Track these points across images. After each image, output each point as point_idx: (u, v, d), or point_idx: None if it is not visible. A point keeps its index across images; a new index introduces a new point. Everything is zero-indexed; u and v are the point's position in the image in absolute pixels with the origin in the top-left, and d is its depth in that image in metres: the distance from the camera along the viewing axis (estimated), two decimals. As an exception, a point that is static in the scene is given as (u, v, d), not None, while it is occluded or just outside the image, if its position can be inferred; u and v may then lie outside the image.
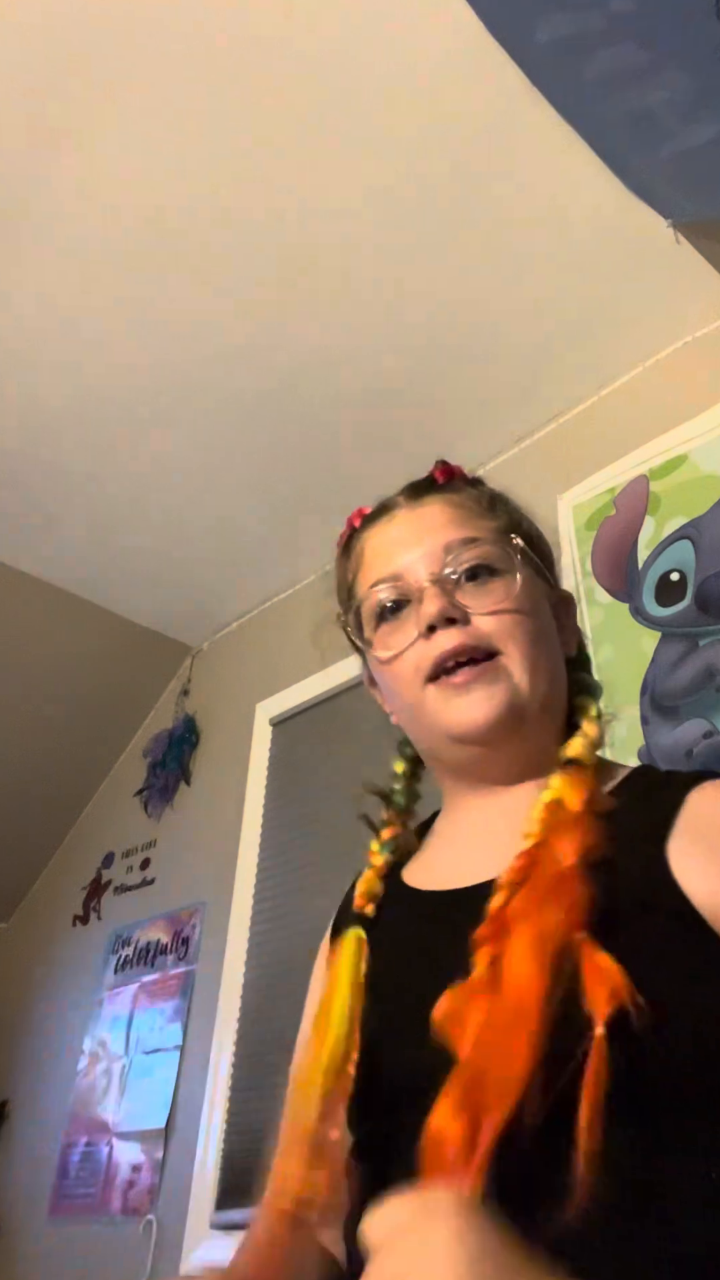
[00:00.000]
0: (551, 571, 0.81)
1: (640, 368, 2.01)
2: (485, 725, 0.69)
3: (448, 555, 0.73)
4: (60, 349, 2.03)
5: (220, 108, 1.58)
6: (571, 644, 0.79)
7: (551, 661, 0.74)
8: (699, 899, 0.58)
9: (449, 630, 0.70)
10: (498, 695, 0.69)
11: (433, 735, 0.74)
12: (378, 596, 0.76)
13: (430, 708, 0.72)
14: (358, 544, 0.82)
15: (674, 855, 0.61)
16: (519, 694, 0.70)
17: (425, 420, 2.18)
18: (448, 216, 1.74)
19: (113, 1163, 2.23)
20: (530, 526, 0.81)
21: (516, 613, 0.72)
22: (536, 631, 0.73)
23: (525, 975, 0.55)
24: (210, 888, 2.41)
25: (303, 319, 1.95)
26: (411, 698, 0.73)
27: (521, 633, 0.71)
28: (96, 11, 1.46)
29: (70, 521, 2.51)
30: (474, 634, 0.71)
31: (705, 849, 0.60)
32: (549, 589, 0.79)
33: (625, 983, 0.53)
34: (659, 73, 1.32)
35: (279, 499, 2.42)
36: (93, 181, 1.70)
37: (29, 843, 3.08)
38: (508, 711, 0.69)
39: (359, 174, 1.67)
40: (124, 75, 1.54)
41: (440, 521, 0.76)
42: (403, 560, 0.75)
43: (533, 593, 0.75)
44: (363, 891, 0.76)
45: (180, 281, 1.88)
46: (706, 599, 1.64)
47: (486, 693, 0.69)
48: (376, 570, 0.77)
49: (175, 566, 2.69)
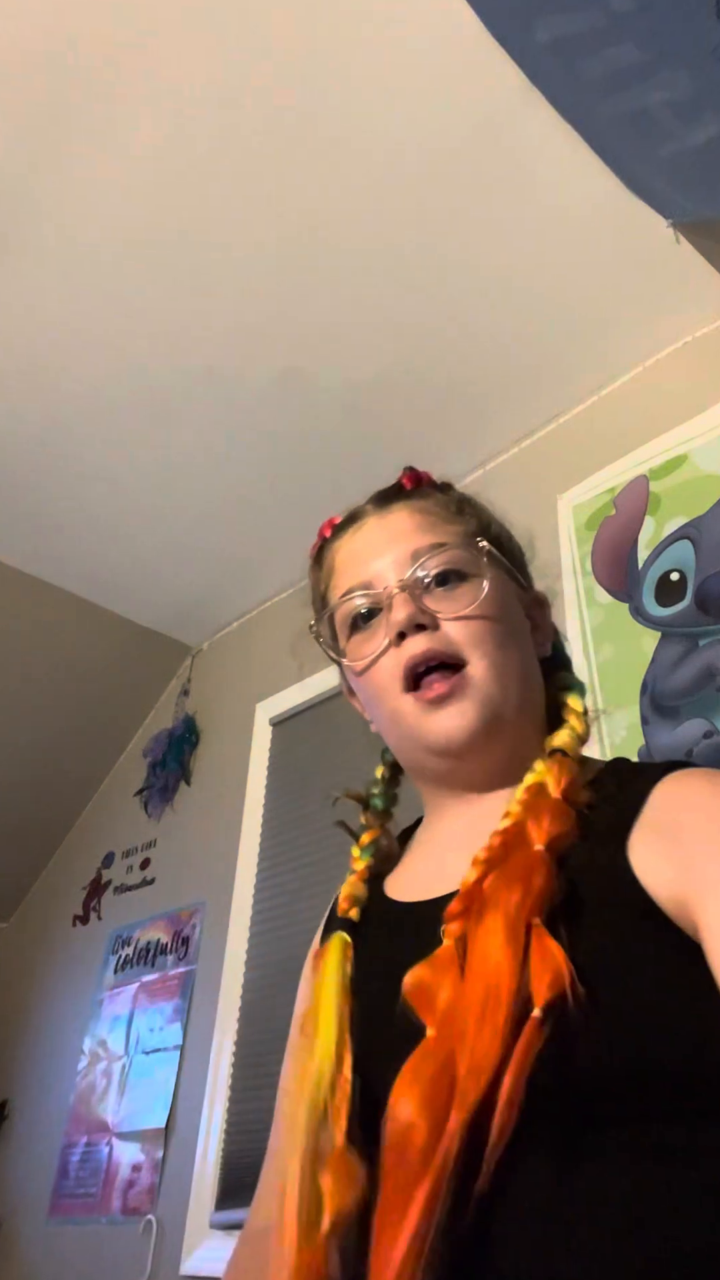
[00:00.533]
0: (524, 572, 0.82)
1: (640, 368, 2.01)
2: (462, 739, 0.70)
3: (415, 561, 0.74)
4: (60, 350, 2.03)
5: (221, 106, 1.58)
6: (546, 644, 0.80)
7: (523, 664, 0.74)
8: (657, 893, 0.59)
9: (418, 636, 0.71)
10: (471, 710, 0.70)
11: (411, 746, 0.74)
12: (349, 605, 0.76)
13: (409, 720, 0.72)
14: (328, 554, 0.82)
15: (635, 849, 0.61)
16: (491, 702, 0.70)
17: (426, 420, 2.18)
18: (447, 216, 1.74)
19: (113, 1163, 2.23)
20: (500, 529, 0.81)
21: (484, 618, 0.72)
22: (505, 634, 0.73)
23: (495, 960, 0.56)
24: (210, 888, 2.41)
25: (303, 320, 1.95)
26: (389, 707, 0.74)
27: (489, 637, 0.72)
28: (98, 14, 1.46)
29: (70, 522, 2.51)
30: (442, 640, 0.71)
31: (665, 843, 0.61)
32: (521, 590, 0.79)
33: (568, 969, 0.53)
34: (659, 73, 1.31)
35: (279, 499, 2.42)
36: (94, 181, 1.70)
37: (29, 843, 3.08)
38: (482, 723, 0.70)
39: (359, 174, 1.67)
40: (125, 72, 1.54)
41: (408, 528, 0.77)
42: (372, 568, 0.75)
43: (502, 595, 0.75)
44: (346, 895, 0.77)
45: (180, 283, 1.88)
46: (706, 599, 1.64)
47: (459, 708, 0.70)
48: (347, 579, 0.77)
49: (175, 566, 2.69)
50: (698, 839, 0.59)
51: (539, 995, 0.53)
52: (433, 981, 0.57)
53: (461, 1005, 0.55)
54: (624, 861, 0.60)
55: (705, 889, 0.57)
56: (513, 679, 0.72)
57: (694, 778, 0.65)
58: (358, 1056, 0.64)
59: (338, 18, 1.45)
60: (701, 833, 0.60)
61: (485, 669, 0.71)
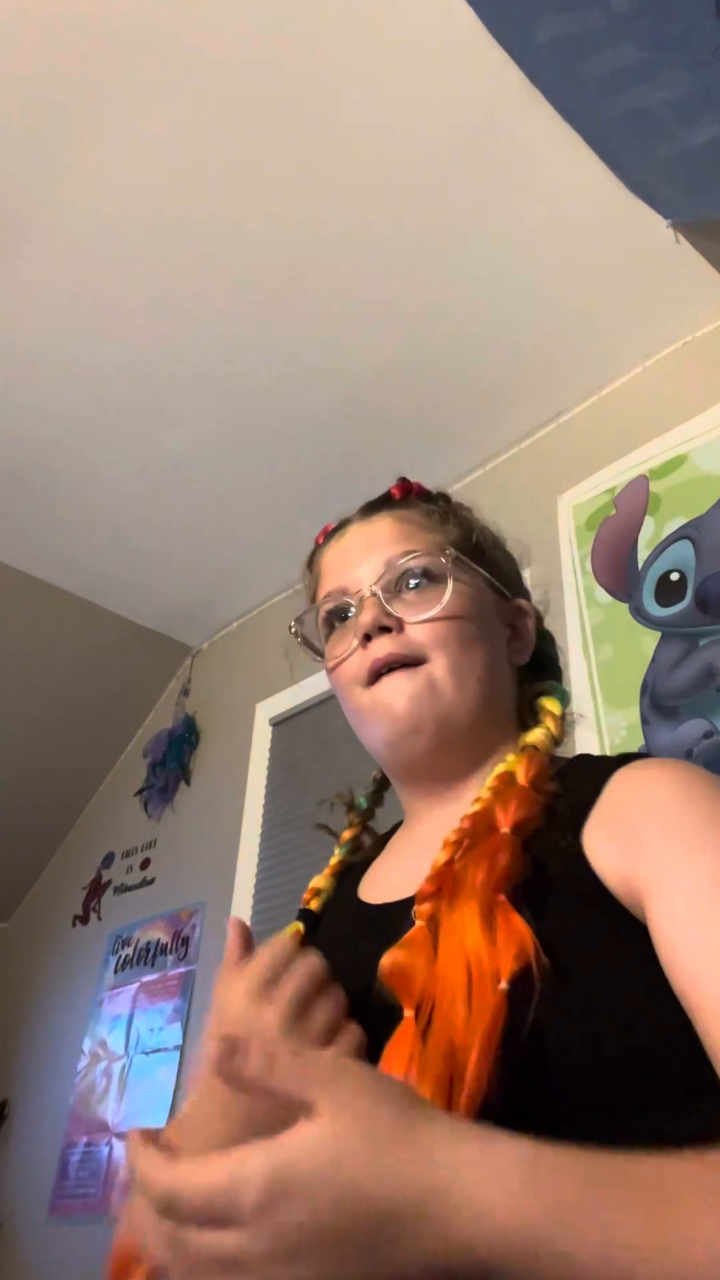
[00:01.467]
0: (510, 582, 0.84)
1: (640, 368, 2.01)
2: (402, 713, 0.73)
3: (387, 568, 0.77)
4: (61, 350, 2.03)
5: (222, 109, 1.58)
6: (525, 652, 0.82)
7: (488, 667, 0.76)
8: (609, 879, 0.60)
9: (382, 639, 0.75)
10: (412, 687, 0.73)
11: (372, 739, 0.77)
12: (327, 607, 0.80)
13: (366, 712, 0.76)
14: (318, 559, 0.86)
15: (588, 837, 0.63)
16: (442, 695, 0.73)
17: (426, 421, 2.19)
18: (447, 216, 1.74)
19: (113, 1163, 2.23)
20: (484, 539, 0.84)
21: (448, 620, 0.75)
22: (469, 637, 0.76)
23: (469, 939, 0.57)
24: (210, 888, 2.41)
25: (303, 321, 1.95)
26: (353, 704, 0.77)
27: (452, 639, 0.75)
28: (97, 13, 1.46)
29: (71, 522, 2.51)
30: (404, 642, 0.74)
31: (615, 831, 0.62)
32: (500, 599, 0.82)
33: (533, 943, 0.54)
34: (659, 73, 1.31)
35: (279, 499, 2.42)
36: (95, 181, 1.70)
37: (29, 843, 3.08)
38: (427, 706, 0.73)
39: (359, 174, 1.67)
40: (127, 75, 1.54)
41: (387, 537, 0.80)
42: (350, 573, 0.79)
43: (473, 602, 0.78)
44: (311, 886, 0.82)
45: (181, 284, 1.88)
46: (706, 599, 1.64)
47: (402, 685, 0.73)
48: (328, 584, 0.82)
49: (175, 566, 2.69)
50: (646, 826, 0.61)
51: (504, 969, 0.54)
52: (409, 964, 0.58)
53: (438, 986, 0.56)
54: (579, 849, 0.62)
55: (652, 873, 0.58)
56: (471, 680, 0.75)
57: (648, 768, 0.66)
58: None
59: (338, 18, 1.45)
60: (650, 819, 0.61)
61: (446, 666, 0.74)
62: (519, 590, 0.85)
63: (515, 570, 0.87)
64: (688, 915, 0.56)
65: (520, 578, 0.87)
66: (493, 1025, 0.52)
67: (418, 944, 0.59)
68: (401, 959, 0.59)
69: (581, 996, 0.55)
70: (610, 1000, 0.56)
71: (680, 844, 0.59)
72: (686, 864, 0.58)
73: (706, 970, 0.53)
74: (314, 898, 0.81)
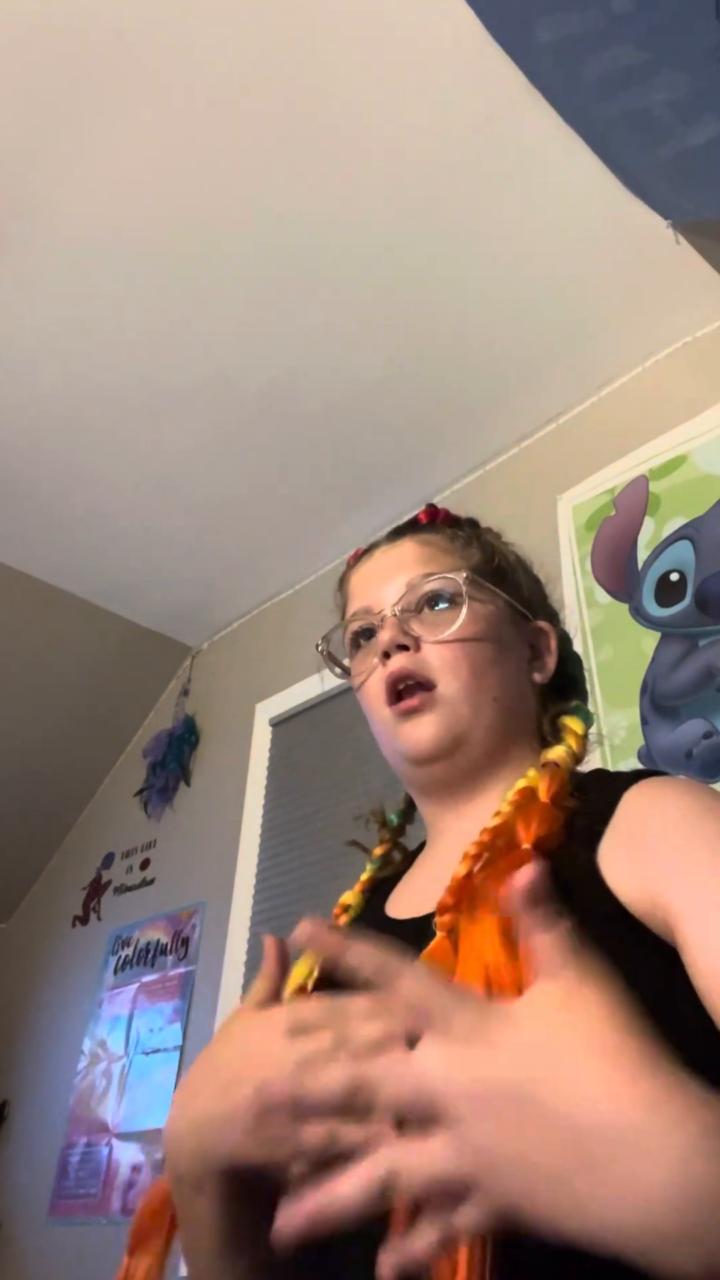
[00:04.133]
0: (532, 604, 0.86)
1: (640, 368, 2.01)
2: (427, 747, 0.76)
3: (408, 589, 0.81)
4: (61, 350, 2.03)
5: (220, 111, 1.58)
6: (546, 673, 0.84)
7: (503, 687, 0.79)
8: (627, 896, 0.61)
9: (398, 656, 0.78)
10: (434, 723, 0.77)
11: (393, 754, 0.81)
12: (353, 626, 0.84)
13: (388, 730, 0.79)
14: (347, 580, 0.90)
15: (603, 856, 0.64)
16: (457, 719, 0.77)
17: (425, 421, 2.19)
18: (447, 216, 1.74)
19: (113, 1163, 2.23)
20: (506, 563, 0.87)
21: (462, 642, 0.79)
22: (485, 660, 0.79)
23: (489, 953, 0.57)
24: (210, 888, 2.41)
25: (302, 321, 1.95)
26: (377, 718, 0.81)
27: (465, 662, 0.78)
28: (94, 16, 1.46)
29: (71, 522, 2.52)
30: (417, 660, 0.78)
31: (630, 848, 0.63)
32: (521, 620, 0.84)
33: None
34: (659, 73, 1.31)
35: (279, 500, 2.42)
36: (93, 181, 1.70)
37: (29, 843, 3.08)
38: (446, 735, 0.76)
39: (358, 175, 1.67)
40: (124, 78, 1.54)
41: (410, 559, 0.84)
42: (374, 595, 0.83)
43: (490, 623, 0.81)
44: (341, 903, 0.84)
45: (181, 284, 1.88)
46: (706, 599, 1.64)
47: (424, 720, 0.77)
48: (354, 604, 0.85)
49: (175, 567, 2.69)
50: (663, 840, 0.62)
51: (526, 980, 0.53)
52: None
53: None
54: (594, 865, 0.63)
55: (673, 885, 0.59)
56: (485, 701, 0.78)
57: (661, 785, 0.68)
58: None
59: (338, 18, 1.45)
60: (667, 834, 0.62)
61: (456, 690, 0.77)
62: (542, 612, 0.88)
63: (539, 593, 0.90)
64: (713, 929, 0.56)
65: (545, 600, 0.90)
66: None
67: (438, 956, 0.60)
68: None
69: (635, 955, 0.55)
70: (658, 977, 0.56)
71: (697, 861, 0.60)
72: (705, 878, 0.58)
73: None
74: (343, 913, 0.83)
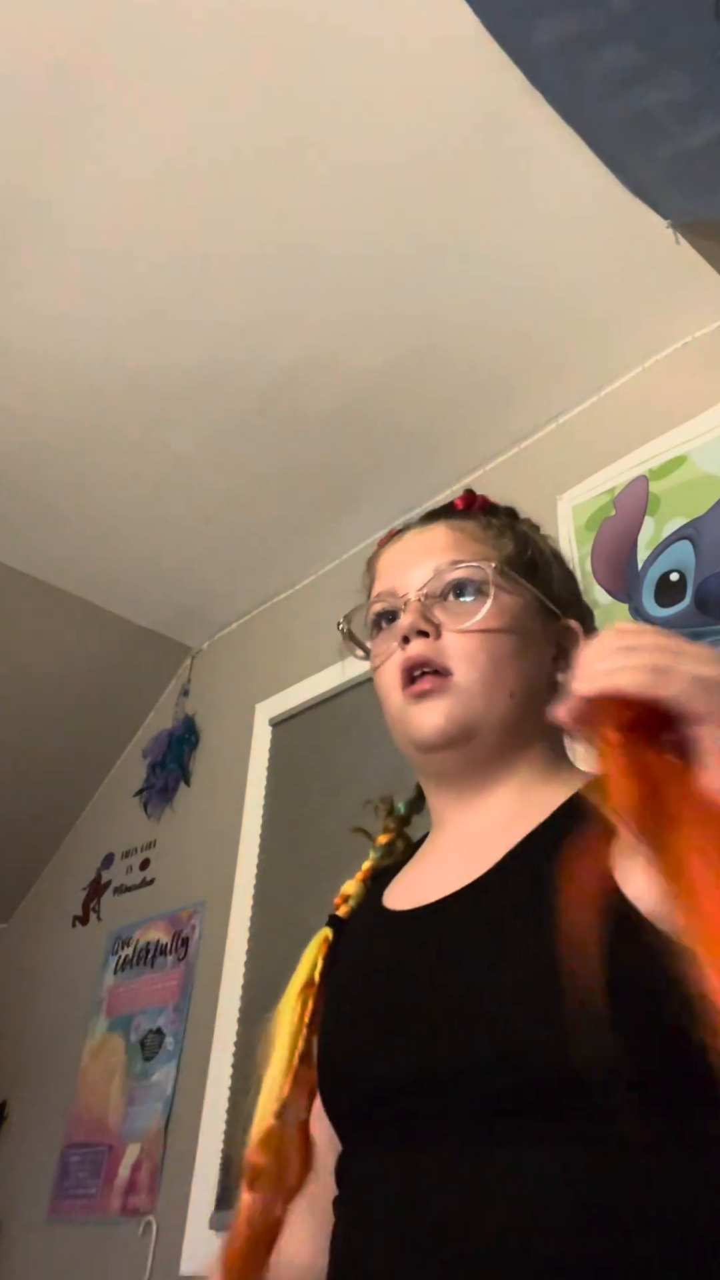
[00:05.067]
0: (560, 601, 0.84)
1: (640, 368, 2.01)
2: (434, 732, 0.75)
3: (435, 575, 0.80)
4: (61, 349, 2.03)
5: (219, 109, 1.58)
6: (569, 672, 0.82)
7: (521, 684, 0.77)
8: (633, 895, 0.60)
9: (417, 641, 0.77)
10: (444, 709, 0.75)
11: (403, 739, 0.80)
12: (376, 607, 0.83)
13: (399, 714, 0.78)
14: (376, 560, 0.89)
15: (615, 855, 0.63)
16: (469, 709, 0.75)
17: (425, 421, 2.19)
18: (447, 216, 1.74)
19: (112, 1163, 2.23)
20: (539, 557, 0.85)
21: (483, 632, 0.77)
22: (505, 654, 0.77)
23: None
24: (210, 888, 2.41)
25: (301, 320, 1.95)
26: (390, 702, 0.80)
27: (484, 653, 0.76)
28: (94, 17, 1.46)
29: (70, 522, 2.51)
30: (435, 648, 0.77)
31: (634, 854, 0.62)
32: (549, 617, 0.82)
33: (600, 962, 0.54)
34: (659, 73, 1.31)
35: (279, 500, 2.42)
36: (94, 182, 1.70)
37: (29, 843, 3.08)
38: (454, 723, 0.75)
39: (358, 175, 1.67)
40: (123, 77, 1.54)
41: (440, 545, 0.82)
42: (400, 578, 0.82)
43: (515, 617, 0.79)
44: (342, 892, 0.84)
45: (180, 282, 1.88)
46: (706, 599, 1.64)
47: (434, 706, 0.76)
48: (380, 585, 0.84)
49: (175, 566, 2.69)
50: None
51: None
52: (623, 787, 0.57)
53: None
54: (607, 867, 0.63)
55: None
56: (501, 693, 0.76)
57: None
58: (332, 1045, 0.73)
59: (338, 18, 1.45)
60: None
61: (472, 680, 0.76)
62: (573, 611, 0.86)
63: (572, 591, 0.88)
64: None
65: (578, 598, 0.88)
66: None
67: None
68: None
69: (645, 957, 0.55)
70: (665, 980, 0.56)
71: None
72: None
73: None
74: (344, 903, 0.83)
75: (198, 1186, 1.99)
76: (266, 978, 2.11)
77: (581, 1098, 0.55)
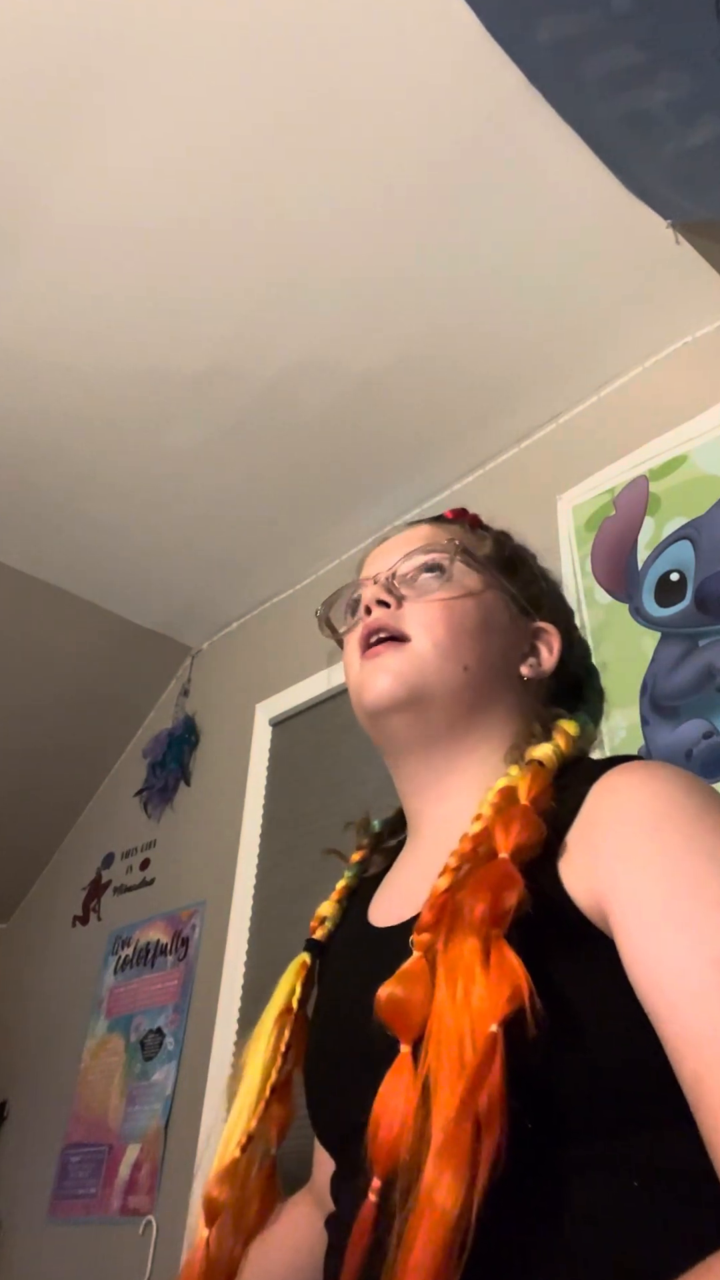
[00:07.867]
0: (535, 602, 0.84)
1: (640, 368, 2.01)
2: (384, 694, 0.75)
3: (404, 558, 0.82)
4: (61, 349, 2.03)
5: (219, 108, 1.58)
6: (539, 671, 0.81)
7: (478, 662, 0.76)
8: (579, 900, 0.59)
9: (377, 610, 0.78)
10: (391, 669, 0.75)
11: (361, 713, 0.79)
12: (350, 594, 0.85)
13: (356, 684, 0.78)
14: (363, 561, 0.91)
15: (564, 857, 0.61)
16: (419, 674, 0.75)
17: (425, 421, 2.19)
18: (447, 217, 1.74)
19: (112, 1163, 2.23)
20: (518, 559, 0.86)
21: (444, 602, 0.78)
22: (463, 628, 0.77)
23: (470, 979, 0.54)
24: (210, 888, 2.41)
25: (301, 320, 1.95)
26: (351, 676, 0.80)
27: (441, 624, 0.77)
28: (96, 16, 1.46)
29: (70, 522, 2.51)
30: (394, 615, 0.78)
31: (583, 849, 0.61)
32: (519, 612, 0.82)
33: (527, 983, 0.52)
34: (659, 73, 1.31)
35: (278, 500, 2.42)
36: (93, 181, 1.70)
37: (29, 843, 3.08)
38: (403, 683, 0.74)
39: (358, 175, 1.67)
40: (123, 75, 1.54)
41: (417, 538, 0.84)
42: (375, 567, 0.84)
43: (479, 601, 0.79)
44: (318, 914, 0.82)
45: (180, 282, 1.88)
46: (706, 599, 1.64)
47: (384, 664, 0.75)
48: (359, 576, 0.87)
49: (175, 567, 2.69)
50: (609, 839, 0.60)
51: (498, 1010, 0.52)
52: (405, 998, 0.56)
53: (435, 1023, 0.54)
54: (556, 871, 0.61)
55: (614, 891, 0.57)
56: (454, 664, 0.75)
57: (623, 774, 0.65)
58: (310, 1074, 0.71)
59: (338, 18, 1.45)
60: (612, 833, 0.60)
61: (425, 646, 0.76)
62: (550, 615, 0.85)
63: (552, 596, 0.87)
64: (640, 933, 0.55)
65: (558, 606, 0.88)
66: (484, 1066, 0.51)
67: (414, 977, 0.57)
68: (398, 993, 0.57)
69: (577, 1029, 0.54)
70: (606, 1029, 0.55)
71: (632, 857, 0.58)
72: (638, 876, 0.57)
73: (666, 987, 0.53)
74: (320, 926, 0.81)
75: (198, 1186, 1.99)
76: (266, 978, 2.11)
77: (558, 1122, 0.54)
